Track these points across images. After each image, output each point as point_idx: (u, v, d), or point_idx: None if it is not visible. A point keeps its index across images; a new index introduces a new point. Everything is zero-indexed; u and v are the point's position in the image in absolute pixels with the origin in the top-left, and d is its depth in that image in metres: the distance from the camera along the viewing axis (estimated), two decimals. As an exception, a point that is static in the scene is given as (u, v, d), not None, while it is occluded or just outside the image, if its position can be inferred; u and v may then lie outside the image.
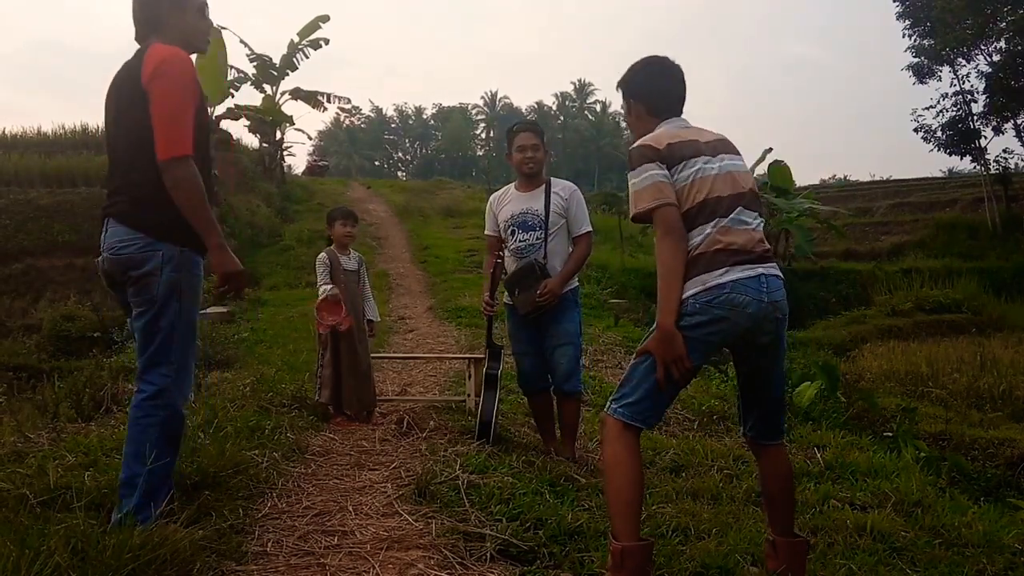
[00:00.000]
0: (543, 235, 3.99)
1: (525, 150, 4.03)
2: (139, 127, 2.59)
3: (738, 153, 2.59)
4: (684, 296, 2.37)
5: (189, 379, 2.77)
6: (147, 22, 2.78)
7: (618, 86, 2.75)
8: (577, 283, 4.15)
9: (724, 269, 2.36)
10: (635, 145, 2.50)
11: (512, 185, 4.22)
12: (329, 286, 4.83)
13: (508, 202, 4.14)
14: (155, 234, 2.61)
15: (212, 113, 16.23)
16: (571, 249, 4.07)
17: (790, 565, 2.49)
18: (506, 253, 4.11)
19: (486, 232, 4.27)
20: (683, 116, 2.65)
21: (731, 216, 2.41)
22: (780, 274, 2.48)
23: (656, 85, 2.66)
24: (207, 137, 2.81)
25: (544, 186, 4.07)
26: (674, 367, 2.34)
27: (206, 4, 2.90)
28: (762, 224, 2.53)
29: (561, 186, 4.09)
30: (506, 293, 4.13)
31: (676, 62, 2.69)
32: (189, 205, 2.57)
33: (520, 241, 4.04)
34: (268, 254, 17.43)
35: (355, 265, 5.06)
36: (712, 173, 2.44)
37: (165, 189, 2.56)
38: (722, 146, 2.55)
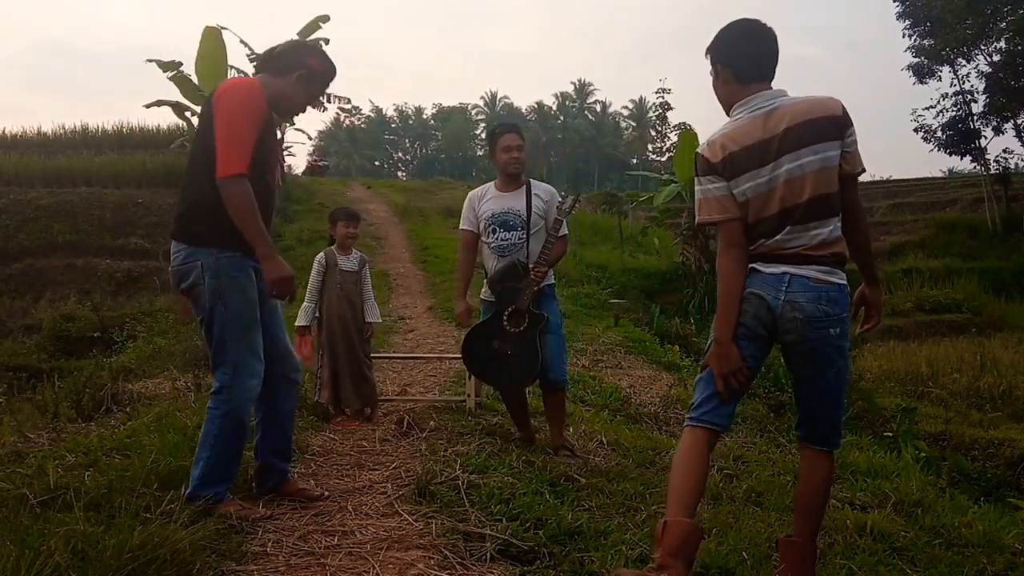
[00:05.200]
0: (525, 235, 4.08)
1: (511, 151, 4.11)
2: (201, 146, 2.86)
3: (821, 137, 2.33)
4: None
5: (251, 374, 2.90)
6: (275, 64, 3.02)
7: (706, 52, 2.58)
8: (553, 280, 4.23)
9: (751, 267, 2.45)
10: (697, 150, 2.51)
11: (491, 184, 4.29)
12: (307, 314, 4.90)
13: (489, 199, 4.20)
14: (193, 243, 2.85)
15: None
16: None
17: (791, 567, 2.44)
18: (485, 249, 4.18)
19: (463, 227, 4.29)
20: (772, 85, 2.48)
21: (776, 238, 2.40)
22: (821, 277, 2.36)
23: (744, 49, 2.49)
24: (273, 159, 3.00)
25: (525, 187, 4.14)
26: (732, 379, 2.43)
27: (325, 86, 3.10)
28: (823, 230, 2.36)
29: (542, 188, 4.18)
30: (485, 290, 4.19)
31: (769, 26, 2.50)
32: (240, 219, 2.76)
33: (502, 240, 4.11)
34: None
35: (355, 266, 5.06)
36: (763, 191, 2.38)
37: (206, 198, 2.78)
38: (791, 139, 2.34)
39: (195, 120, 3.38)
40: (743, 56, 2.48)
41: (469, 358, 4.22)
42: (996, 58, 23.29)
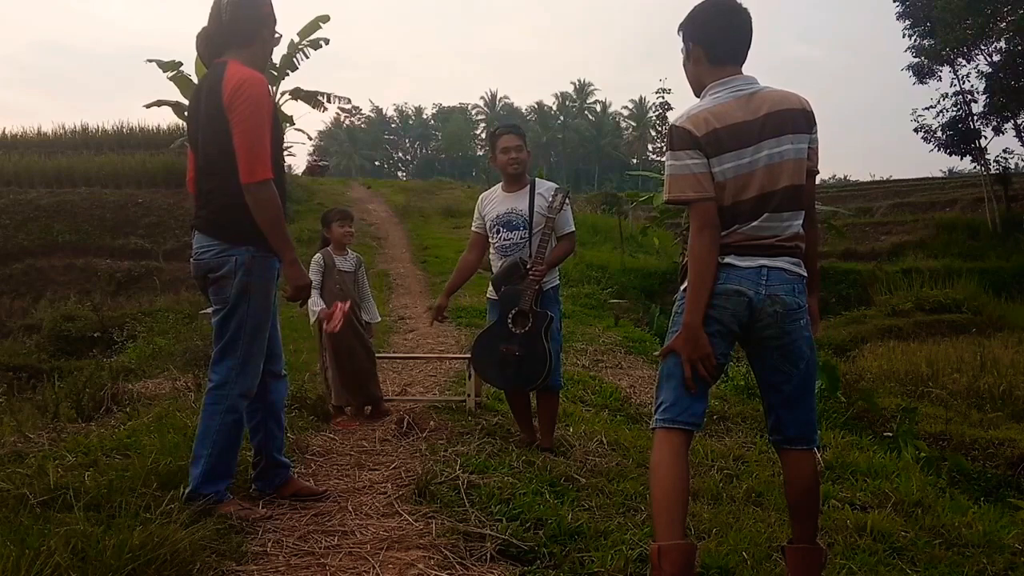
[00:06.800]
0: (527, 234, 4.10)
1: (509, 151, 4.14)
2: (217, 141, 2.83)
3: (797, 128, 2.34)
4: (684, 287, 2.37)
5: (254, 373, 2.98)
6: (238, 37, 2.93)
7: (678, 29, 2.53)
8: (558, 281, 4.23)
9: (724, 257, 2.34)
10: (675, 123, 2.37)
11: (499, 185, 4.33)
12: (316, 308, 4.76)
13: (495, 202, 4.25)
14: (229, 240, 2.89)
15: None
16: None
17: (797, 573, 2.40)
18: (491, 250, 4.24)
19: (472, 228, 4.39)
20: (743, 70, 2.44)
21: (752, 224, 2.33)
22: (793, 269, 2.37)
23: (719, 27, 2.43)
24: (280, 151, 3.02)
25: (529, 187, 4.17)
26: (700, 366, 2.32)
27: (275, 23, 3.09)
28: (794, 222, 2.37)
29: (545, 187, 4.19)
30: (490, 289, 4.22)
31: (744, 6, 2.44)
32: (267, 223, 2.83)
33: (505, 240, 4.15)
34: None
35: (351, 266, 5.06)
36: (744, 172, 2.32)
37: (239, 198, 2.80)
38: (772, 125, 2.32)
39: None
40: (717, 35, 2.43)
41: (478, 363, 4.24)
42: (996, 58, 23.32)
